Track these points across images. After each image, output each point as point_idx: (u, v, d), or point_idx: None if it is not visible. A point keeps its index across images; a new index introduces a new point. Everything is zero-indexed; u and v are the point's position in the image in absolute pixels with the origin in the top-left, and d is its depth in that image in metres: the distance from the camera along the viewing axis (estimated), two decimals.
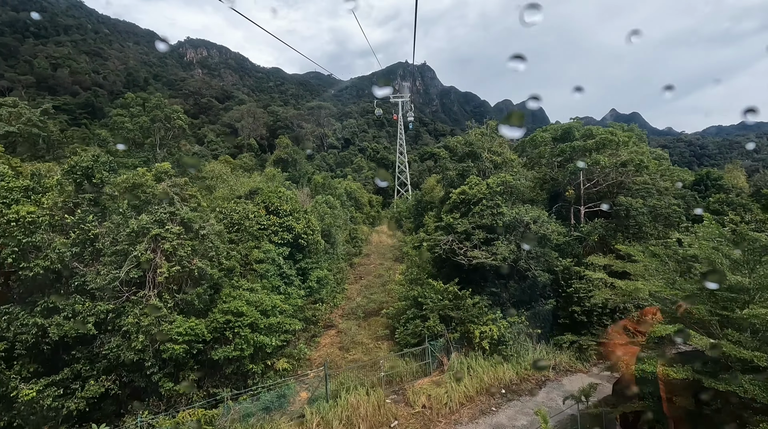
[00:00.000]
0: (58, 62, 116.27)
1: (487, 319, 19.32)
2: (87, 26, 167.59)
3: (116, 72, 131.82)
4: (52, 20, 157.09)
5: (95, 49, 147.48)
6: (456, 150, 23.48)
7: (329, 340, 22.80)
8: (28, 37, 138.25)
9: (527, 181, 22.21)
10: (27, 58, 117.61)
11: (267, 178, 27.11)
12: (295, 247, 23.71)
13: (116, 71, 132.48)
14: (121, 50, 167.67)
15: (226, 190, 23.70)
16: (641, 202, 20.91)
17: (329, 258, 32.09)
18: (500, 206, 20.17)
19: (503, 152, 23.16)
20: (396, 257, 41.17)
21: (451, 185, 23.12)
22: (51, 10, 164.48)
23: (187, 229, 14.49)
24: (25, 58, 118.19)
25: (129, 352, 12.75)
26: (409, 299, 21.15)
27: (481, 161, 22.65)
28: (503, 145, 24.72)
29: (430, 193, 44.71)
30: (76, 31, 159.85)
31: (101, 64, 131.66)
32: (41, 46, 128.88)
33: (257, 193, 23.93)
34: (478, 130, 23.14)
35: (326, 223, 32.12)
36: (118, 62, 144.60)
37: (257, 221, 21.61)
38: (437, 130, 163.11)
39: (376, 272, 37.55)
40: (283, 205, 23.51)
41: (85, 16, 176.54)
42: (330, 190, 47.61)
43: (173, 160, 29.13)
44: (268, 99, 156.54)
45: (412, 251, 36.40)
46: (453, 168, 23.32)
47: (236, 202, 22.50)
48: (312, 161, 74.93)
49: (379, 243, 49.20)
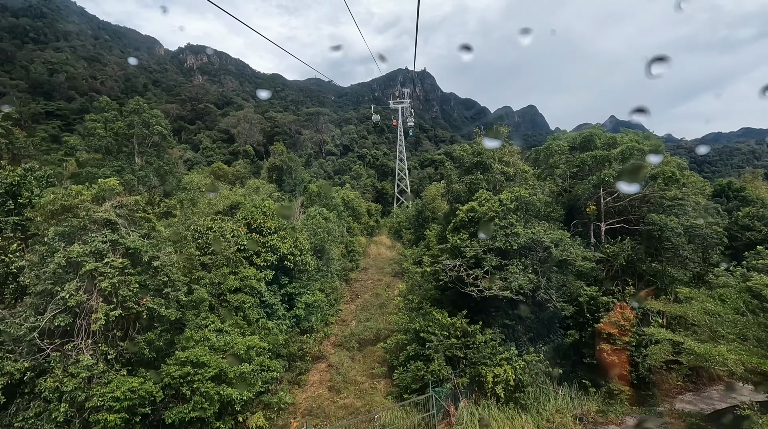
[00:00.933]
0: (55, 67, 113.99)
1: (501, 359, 16.33)
2: (87, 32, 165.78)
3: (114, 77, 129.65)
4: (52, 26, 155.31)
5: (94, 54, 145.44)
6: (462, 160, 20.57)
7: (318, 376, 19.78)
8: (27, 43, 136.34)
9: (544, 195, 19.29)
10: (24, 64, 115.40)
11: (251, 190, 24.19)
12: (281, 270, 20.77)
13: (114, 77, 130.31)
14: (121, 56, 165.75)
15: (204, 204, 20.80)
16: (676, 221, 17.98)
17: (322, 275, 29.14)
18: (514, 226, 17.25)
19: (516, 163, 20.28)
20: (395, 272, 38.22)
21: (458, 200, 20.20)
22: (51, 16, 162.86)
23: (135, 261, 11.53)
24: (22, 64, 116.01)
25: (49, 425, 9.76)
26: (410, 332, 18.22)
27: (492, 173, 19.75)
28: (514, 154, 21.86)
29: (431, 202, 41.83)
30: (76, 37, 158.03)
31: (99, 70, 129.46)
32: (39, 51, 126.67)
33: (239, 208, 21.02)
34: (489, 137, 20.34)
35: (319, 237, 29.22)
36: (117, 68, 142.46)
37: (236, 242, 18.67)
38: (437, 137, 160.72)
39: (373, 289, 34.56)
40: (267, 221, 20.60)
41: (86, 22, 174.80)
42: (326, 200, 44.77)
43: (152, 169, 26.28)
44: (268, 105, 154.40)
45: (413, 267, 33.43)
46: (459, 180, 20.38)
47: (213, 219, 19.58)
48: (309, 168, 72.16)
49: (377, 255, 46.23)
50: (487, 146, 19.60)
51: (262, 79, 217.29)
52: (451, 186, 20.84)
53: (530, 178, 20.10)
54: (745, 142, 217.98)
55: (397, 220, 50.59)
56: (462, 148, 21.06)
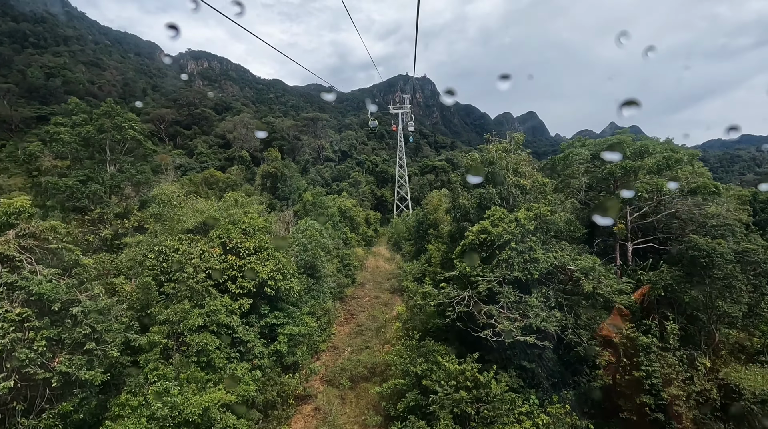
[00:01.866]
0: (52, 72, 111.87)
1: (520, 413, 13.30)
2: (87, 37, 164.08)
3: (112, 82, 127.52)
4: (52, 31, 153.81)
5: (93, 59, 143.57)
6: (471, 171, 17.65)
7: (302, 424, 16.70)
8: (27, 48, 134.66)
9: (565, 212, 16.35)
10: (21, 68, 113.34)
11: (228, 202, 21.15)
12: (261, 297, 17.78)
13: (112, 81, 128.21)
14: (121, 61, 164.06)
15: (174, 220, 17.85)
16: (725, 245, 15.00)
17: (313, 296, 26.12)
18: (534, 250, 14.28)
19: (532, 174, 17.32)
20: (394, 289, 35.19)
21: (465, 217, 17.24)
22: (52, 21, 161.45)
23: (43, 311, 8.53)
24: (19, 68, 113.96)
25: None
26: (409, 376, 15.25)
27: (505, 186, 16.80)
28: (529, 163, 18.94)
29: (433, 213, 38.86)
30: (76, 42, 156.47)
31: (97, 74, 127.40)
32: (37, 56, 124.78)
33: (215, 224, 18.06)
34: (500, 146, 17.37)
35: (310, 254, 26.26)
36: (116, 73, 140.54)
37: (206, 267, 15.70)
38: (438, 143, 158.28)
39: (370, 308, 31.50)
40: (246, 241, 17.63)
41: (87, 28, 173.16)
42: (321, 210, 41.87)
43: (123, 178, 23.35)
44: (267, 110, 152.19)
45: (413, 285, 30.44)
46: (467, 194, 17.41)
47: (180, 238, 16.62)
48: (306, 175, 69.32)
49: (375, 268, 43.19)
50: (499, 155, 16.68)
51: (263, 84, 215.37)
52: (458, 201, 17.87)
53: (549, 191, 17.13)
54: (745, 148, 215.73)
55: (397, 230, 47.51)
56: (470, 157, 18.08)
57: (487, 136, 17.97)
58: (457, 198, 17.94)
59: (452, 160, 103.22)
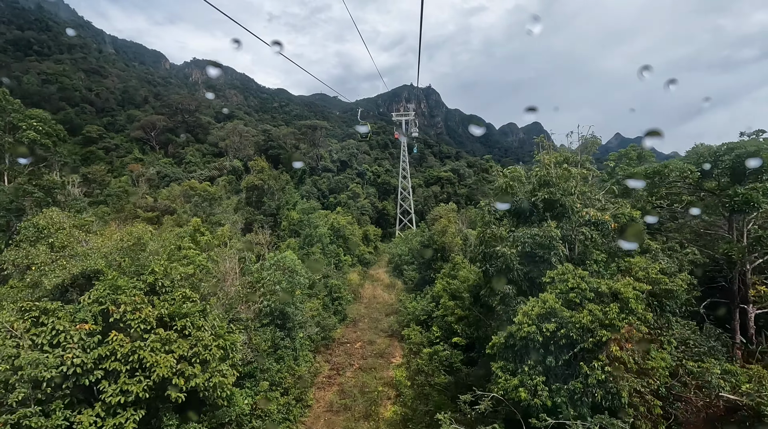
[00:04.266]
0: (49, 78, 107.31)
1: None
2: (92, 45, 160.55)
3: (111, 89, 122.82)
4: (57, 39, 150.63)
5: (96, 67, 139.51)
6: (513, 195, 10.46)
7: None
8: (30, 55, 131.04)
9: (684, 273, 9.13)
10: (18, 74, 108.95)
11: (134, 238, 13.64)
12: (164, 404, 10.65)
13: (111, 89, 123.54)
14: (124, 69, 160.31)
15: (35, 273, 10.92)
16: None
17: (282, 355, 18.96)
18: (650, 355, 7.07)
19: (616, 203, 10.17)
20: (393, 332, 27.89)
21: (504, 270, 10.03)
22: (56, 30, 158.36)
23: None
24: (16, 74, 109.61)
25: None
26: None
27: (570, 220, 9.66)
28: (592, 178, 11.82)
29: (441, 237, 31.70)
30: (80, 50, 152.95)
31: (97, 82, 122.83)
32: (37, 62, 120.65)
33: (99, 278, 11.04)
34: (557, 155, 10.24)
35: (279, 298, 19.20)
36: (117, 80, 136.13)
37: (55, 363, 8.68)
38: (442, 153, 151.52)
39: (361, 361, 24.26)
40: (145, 307, 10.60)
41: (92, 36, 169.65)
42: (310, 229, 34.89)
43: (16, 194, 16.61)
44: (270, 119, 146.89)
45: (416, 335, 23.20)
46: (504, 237, 10.16)
47: (26, 310, 9.63)
48: (302, 186, 62.54)
49: (372, 299, 35.90)
50: (564, 173, 9.52)
51: (267, 93, 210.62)
52: (490, 244, 10.63)
53: (641, 231, 9.95)
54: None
55: (398, 252, 40.33)
56: (513, 172, 10.64)
57: (539, 139, 10.85)
58: (488, 239, 10.74)
59: (458, 170, 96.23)
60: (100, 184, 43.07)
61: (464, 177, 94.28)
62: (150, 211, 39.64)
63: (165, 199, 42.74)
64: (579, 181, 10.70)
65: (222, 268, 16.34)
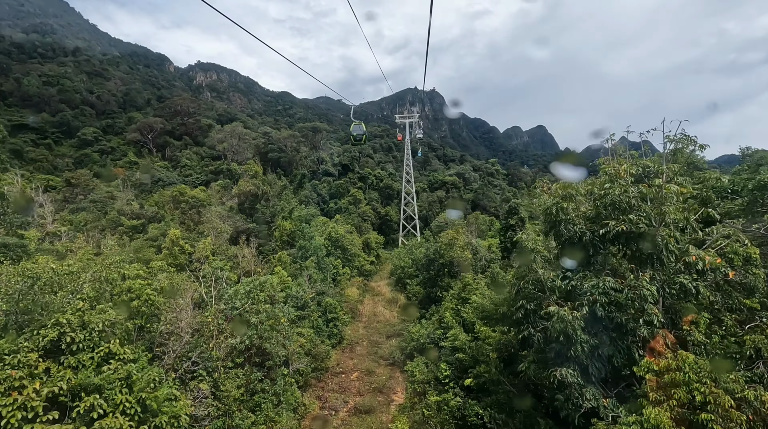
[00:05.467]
0: (49, 80, 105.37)
1: None
2: (96, 48, 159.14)
3: (113, 92, 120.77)
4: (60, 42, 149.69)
5: (99, 69, 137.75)
6: (564, 217, 6.98)
7: None
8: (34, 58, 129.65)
9: None
10: (18, 76, 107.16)
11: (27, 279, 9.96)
12: None
13: (113, 91, 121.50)
14: (128, 72, 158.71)
15: None
16: None
17: (259, 401, 15.63)
18: None
19: (721, 240, 6.75)
20: (394, 360, 24.45)
21: (557, 340, 6.58)
22: (61, 33, 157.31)
23: None
24: (17, 76, 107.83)
25: None
26: None
27: (663, 264, 6.21)
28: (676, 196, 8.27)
29: (448, 250, 28.25)
30: (84, 52, 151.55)
31: (98, 84, 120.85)
32: (38, 65, 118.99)
33: None
34: (643, 162, 6.81)
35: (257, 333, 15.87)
36: (120, 83, 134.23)
37: None
38: (447, 156, 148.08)
39: (357, 397, 20.86)
40: (60, 377, 7.30)
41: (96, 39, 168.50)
42: (304, 241, 31.59)
43: None
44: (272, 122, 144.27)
45: (420, 372, 19.73)
46: (558, 287, 6.64)
47: None
48: (301, 191, 59.31)
49: (372, 316, 32.48)
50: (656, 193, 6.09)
51: (272, 96, 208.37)
52: (532, 300, 7.13)
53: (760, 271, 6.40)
54: None
55: (401, 264, 36.89)
56: (566, 188, 7.09)
57: (608, 143, 7.33)
58: (529, 290, 7.23)
59: (464, 174, 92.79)
60: (83, 188, 40.03)
61: (470, 181, 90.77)
62: (134, 219, 36.61)
63: (153, 205, 39.72)
64: (657, 201, 7.30)
65: (183, 299, 13.02)
